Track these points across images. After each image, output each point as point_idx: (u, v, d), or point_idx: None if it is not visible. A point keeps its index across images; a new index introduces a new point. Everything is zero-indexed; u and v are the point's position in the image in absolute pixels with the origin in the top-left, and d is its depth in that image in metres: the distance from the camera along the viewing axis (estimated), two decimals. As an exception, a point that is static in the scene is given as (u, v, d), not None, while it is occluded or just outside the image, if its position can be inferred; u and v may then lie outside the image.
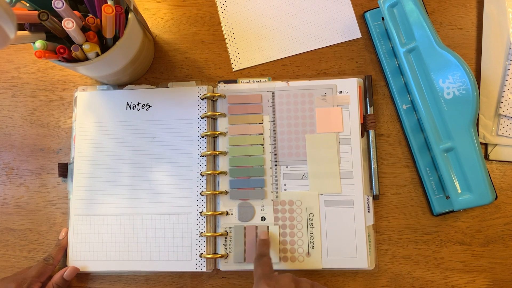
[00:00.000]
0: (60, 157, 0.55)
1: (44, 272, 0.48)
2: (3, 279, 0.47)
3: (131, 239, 0.51)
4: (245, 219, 0.50)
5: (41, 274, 0.48)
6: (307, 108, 0.52)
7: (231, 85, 0.53)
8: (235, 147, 0.52)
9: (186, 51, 0.56)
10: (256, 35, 0.56)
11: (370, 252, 0.49)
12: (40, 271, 0.48)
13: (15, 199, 0.55)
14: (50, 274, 0.49)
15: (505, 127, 0.51)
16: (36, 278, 0.47)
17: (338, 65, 0.54)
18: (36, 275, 0.47)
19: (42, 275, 0.48)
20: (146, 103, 0.53)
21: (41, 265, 0.48)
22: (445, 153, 0.48)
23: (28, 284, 0.46)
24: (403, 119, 0.52)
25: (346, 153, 0.50)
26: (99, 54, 0.44)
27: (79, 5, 0.47)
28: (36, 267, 0.48)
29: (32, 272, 0.47)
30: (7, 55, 0.58)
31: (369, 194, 0.50)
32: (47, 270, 0.49)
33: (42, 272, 0.48)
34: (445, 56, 0.47)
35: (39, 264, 0.49)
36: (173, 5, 0.58)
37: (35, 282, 0.47)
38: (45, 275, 0.48)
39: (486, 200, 0.46)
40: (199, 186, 0.51)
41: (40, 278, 0.47)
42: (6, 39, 0.31)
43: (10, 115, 0.57)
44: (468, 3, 0.55)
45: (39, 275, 0.47)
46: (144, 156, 0.52)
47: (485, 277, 0.49)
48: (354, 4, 0.56)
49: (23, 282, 0.46)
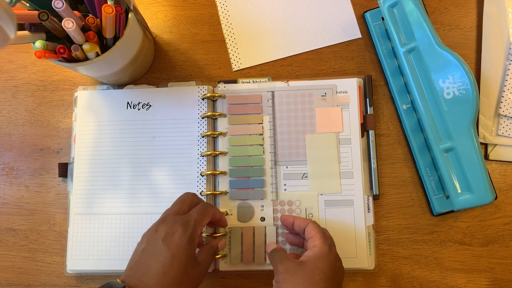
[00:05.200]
0: (60, 157, 0.55)
1: (205, 216, 0.42)
2: (164, 220, 0.41)
3: (131, 238, 0.51)
4: (244, 219, 0.50)
5: (203, 218, 0.42)
6: (307, 108, 0.52)
7: (231, 85, 0.53)
8: (235, 147, 0.52)
9: (186, 51, 0.56)
10: (256, 35, 0.56)
11: (370, 252, 0.49)
12: (203, 214, 0.42)
13: (15, 199, 0.55)
14: (210, 218, 0.43)
15: (505, 127, 0.51)
16: (199, 222, 0.41)
17: (338, 65, 0.54)
18: (199, 218, 0.41)
19: (204, 219, 0.42)
20: (147, 103, 0.53)
21: (203, 207, 0.43)
22: (445, 153, 0.48)
23: (193, 227, 0.40)
24: (403, 119, 0.52)
25: (346, 153, 0.50)
26: (99, 54, 0.44)
27: (79, 5, 0.47)
28: (197, 209, 0.42)
29: (194, 214, 0.41)
30: (7, 55, 0.58)
31: (369, 194, 0.50)
32: (207, 215, 0.43)
33: (204, 215, 0.42)
34: (445, 56, 0.47)
35: (201, 206, 0.43)
36: (173, 5, 0.58)
37: (199, 225, 0.41)
38: (206, 220, 0.42)
39: (486, 200, 0.46)
40: (199, 186, 0.51)
41: (202, 222, 0.42)
42: (6, 39, 0.31)
43: (10, 115, 0.57)
44: (468, 3, 0.55)
45: (202, 218, 0.42)
46: (144, 156, 0.52)
47: (485, 277, 0.49)
48: (354, 4, 0.56)
49: (188, 225, 0.40)
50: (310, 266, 0.39)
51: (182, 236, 0.39)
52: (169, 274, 0.37)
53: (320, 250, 0.40)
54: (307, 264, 0.39)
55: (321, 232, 0.42)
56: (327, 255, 0.40)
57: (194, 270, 0.40)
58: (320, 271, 0.39)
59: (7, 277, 0.53)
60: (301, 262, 0.40)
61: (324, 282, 0.38)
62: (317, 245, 0.41)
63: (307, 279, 0.38)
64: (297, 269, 0.39)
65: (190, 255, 0.39)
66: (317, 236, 0.42)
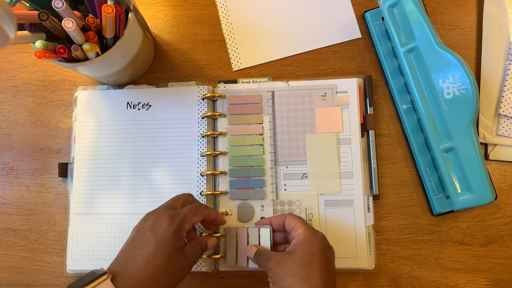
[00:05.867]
0: (60, 157, 0.55)
1: (197, 213, 0.42)
2: (154, 212, 0.42)
3: (131, 239, 0.51)
4: (244, 220, 0.50)
5: (193, 214, 0.42)
6: (307, 108, 0.52)
7: (231, 85, 0.53)
8: (235, 147, 0.52)
9: (186, 51, 0.57)
10: (256, 35, 0.56)
11: (370, 252, 0.49)
12: (194, 211, 0.42)
13: (15, 199, 0.55)
14: (202, 218, 0.43)
15: (505, 127, 0.51)
16: (189, 217, 0.41)
17: (338, 65, 0.54)
18: (189, 213, 0.41)
19: (195, 216, 0.42)
20: (147, 103, 0.53)
21: (196, 205, 0.43)
22: (445, 153, 0.48)
23: (180, 221, 0.40)
24: (403, 119, 0.52)
25: (346, 153, 0.50)
26: (99, 54, 0.44)
27: (79, 5, 0.47)
28: (189, 206, 0.43)
29: (185, 209, 0.42)
30: (7, 55, 0.58)
31: (369, 194, 0.50)
32: (200, 213, 0.43)
33: (196, 212, 0.42)
34: (445, 56, 0.47)
35: (194, 204, 0.43)
36: (173, 5, 0.58)
37: (188, 221, 0.41)
38: (197, 218, 0.42)
39: (486, 200, 0.46)
40: (199, 186, 0.51)
41: (192, 218, 0.42)
42: (6, 39, 0.31)
43: (10, 115, 0.57)
44: (468, 3, 0.55)
45: (192, 215, 0.42)
46: (144, 155, 0.52)
47: (485, 277, 0.49)
48: (354, 4, 0.56)
49: (176, 217, 0.40)
50: (298, 252, 0.40)
51: (169, 226, 0.40)
52: (152, 262, 0.38)
53: (304, 236, 0.41)
54: (294, 252, 0.40)
55: (301, 220, 0.43)
56: (313, 238, 0.41)
57: (178, 261, 0.40)
58: (308, 254, 0.39)
59: (7, 277, 0.53)
60: (288, 252, 0.41)
61: (315, 263, 0.39)
62: (301, 232, 0.41)
63: (297, 265, 0.39)
64: (286, 259, 0.40)
65: (175, 246, 0.40)
66: (298, 224, 0.42)
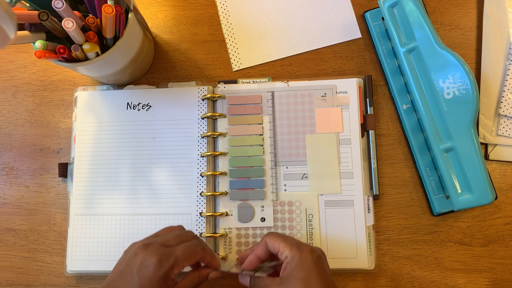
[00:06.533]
0: (60, 157, 0.55)
1: (191, 256, 0.40)
2: (146, 247, 0.39)
3: (131, 239, 0.50)
4: (244, 220, 0.50)
5: (186, 258, 0.39)
6: (307, 108, 0.52)
7: (231, 86, 0.53)
8: (235, 148, 0.52)
9: (186, 51, 0.56)
10: (256, 35, 0.56)
11: (370, 252, 0.49)
12: (189, 254, 0.39)
13: (15, 199, 0.55)
14: (195, 261, 0.41)
15: (505, 127, 0.51)
16: (180, 261, 0.38)
17: (338, 65, 0.54)
18: (182, 256, 0.38)
19: (188, 259, 0.39)
20: (147, 103, 0.53)
21: (192, 246, 0.40)
22: (445, 153, 0.48)
23: (169, 266, 0.38)
24: (403, 119, 0.52)
25: (346, 153, 0.50)
26: (99, 54, 0.44)
27: (79, 5, 0.47)
28: (184, 246, 0.39)
29: (178, 250, 0.39)
30: (7, 55, 0.58)
31: (369, 194, 0.50)
32: (194, 256, 0.40)
33: (190, 255, 0.39)
34: (445, 56, 0.47)
35: (191, 244, 0.40)
36: (173, 5, 0.58)
37: (178, 266, 0.38)
38: (190, 261, 0.40)
39: (486, 200, 0.46)
40: (199, 186, 0.51)
41: (184, 262, 0.39)
42: (6, 39, 0.31)
43: (10, 115, 0.57)
44: (468, 3, 0.55)
45: (185, 259, 0.39)
46: (144, 156, 0.52)
47: (485, 277, 0.49)
48: (354, 4, 0.56)
49: (166, 261, 0.38)
50: (292, 281, 0.38)
51: (156, 272, 0.37)
52: None
53: (292, 259, 0.39)
54: (288, 281, 0.38)
55: (282, 238, 0.41)
56: (301, 259, 0.39)
57: None
58: (302, 280, 0.38)
59: (7, 277, 0.53)
60: (282, 281, 0.39)
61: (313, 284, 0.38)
62: (287, 255, 0.39)
63: None
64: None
65: None
66: (281, 245, 0.40)
